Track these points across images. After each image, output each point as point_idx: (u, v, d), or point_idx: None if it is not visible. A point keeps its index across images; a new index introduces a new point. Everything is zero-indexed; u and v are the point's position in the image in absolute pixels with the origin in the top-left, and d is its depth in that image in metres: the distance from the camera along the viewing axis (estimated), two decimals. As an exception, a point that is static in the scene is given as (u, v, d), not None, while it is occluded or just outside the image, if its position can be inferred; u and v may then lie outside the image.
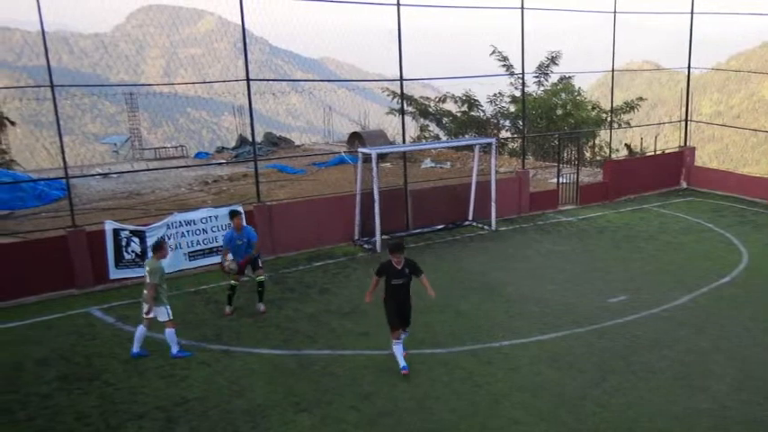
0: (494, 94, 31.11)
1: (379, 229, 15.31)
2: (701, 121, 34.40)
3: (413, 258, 9.39)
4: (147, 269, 9.75)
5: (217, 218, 14.23)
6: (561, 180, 19.76)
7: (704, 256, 14.76)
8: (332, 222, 15.72)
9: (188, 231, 13.98)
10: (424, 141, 28.99)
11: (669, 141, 28.96)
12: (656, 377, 9.03)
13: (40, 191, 20.77)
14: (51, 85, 12.65)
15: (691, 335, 10.40)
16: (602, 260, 14.64)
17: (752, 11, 23.52)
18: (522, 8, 17.83)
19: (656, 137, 25.52)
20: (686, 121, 22.65)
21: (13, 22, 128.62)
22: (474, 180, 17.66)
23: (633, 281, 13.09)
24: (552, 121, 30.21)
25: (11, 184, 19.75)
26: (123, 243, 13.32)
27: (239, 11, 14.03)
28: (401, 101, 19.97)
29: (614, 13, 19.84)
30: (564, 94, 31.12)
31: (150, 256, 10.24)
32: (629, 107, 30.82)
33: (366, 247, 15.58)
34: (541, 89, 31.81)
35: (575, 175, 19.93)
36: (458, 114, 31.87)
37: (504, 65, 29.85)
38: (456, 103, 31.51)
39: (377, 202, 15.16)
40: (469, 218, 17.74)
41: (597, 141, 29.98)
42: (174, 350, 9.90)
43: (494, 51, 30.27)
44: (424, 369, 9.31)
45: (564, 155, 21.46)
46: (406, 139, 19.64)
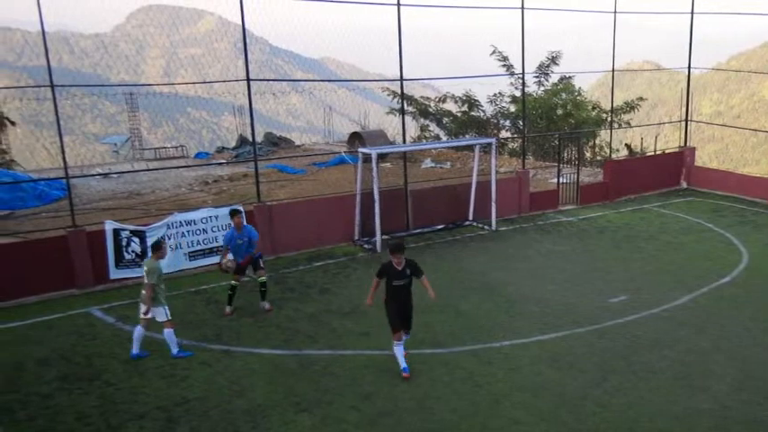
0: (494, 94, 31.13)
1: (379, 229, 15.31)
2: (701, 121, 34.42)
3: (413, 259, 9.38)
4: (145, 269, 9.75)
5: (217, 218, 14.25)
6: (561, 180, 19.76)
7: (704, 256, 14.77)
8: (332, 222, 15.73)
9: (188, 231, 14.00)
10: (424, 141, 28.99)
11: (669, 141, 28.95)
12: (656, 377, 9.04)
13: (41, 191, 20.77)
14: (52, 85, 12.65)
15: (691, 335, 10.41)
16: (602, 260, 14.65)
17: (752, 11, 23.54)
18: (523, 8, 17.83)
19: (656, 137, 25.52)
20: (686, 121, 22.65)
21: (13, 22, 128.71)
22: (474, 180, 17.66)
23: (633, 281, 13.09)
24: (552, 121, 30.20)
25: (11, 184, 19.76)
26: (123, 243, 13.33)
27: (239, 11, 14.04)
28: (401, 101, 19.99)
29: (614, 13, 19.84)
30: (564, 94, 31.10)
31: (150, 255, 10.26)
32: (629, 107, 30.82)
33: (366, 247, 15.58)
34: (542, 89, 31.83)
35: (575, 175, 19.93)
36: (458, 114, 31.87)
37: (505, 65, 29.85)
38: (456, 103, 31.51)
39: (377, 202, 15.16)
40: (470, 218, 17.74)
41: (597, 141, 29.98)
42: (175, 350, 9.90)
43: (494, 51, 30.28)
44: (425, 369, 9.32)
45: (564, 155, 21.46)
46: (407, 139, 19.64)
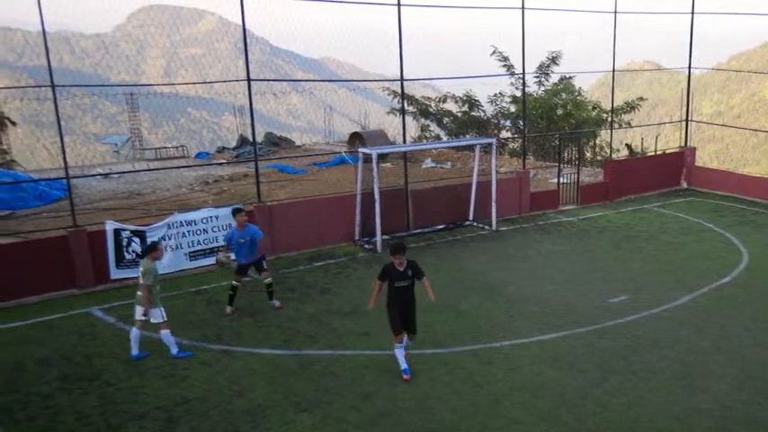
0: (494, 95, 31.13)
1: (379, 229, 15.31)
2: (701, 122, 34.42)
3: (414, 259, 9.37)
4: (141, 270, 9.75)
5: (217, 218, 14.25)
6: (562, 180, 19.75)
7: (704, 256, 14.77)
8: (332, 222, 15.73)
9: (189, 231, 14.00)
10: (424, 141, 29.00)
11: (670, 141, 28.96)
12: (656, 377, 9.04)
13: (41, 191, 20.79)
14: (52, 85, 12.65)
15: (691, 335, 10.41)
16: (602, 260, 14.65)
17: (752, 11, 23.55)
18: (523, 8, 17.82)
19: (656, 137, 25.52)
20: (687, 121, 22.65)
21: (14, 23, 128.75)
22: (474, 180, 17.66)
23: (633, 281, 13.09)
24: (553, 121, 30.21)
25: (12, 184, 19.77)
26: (124, 243, 13.34)
27: (240, 11, 14.03)
28: (402, 101, 20.01)
29: (614, 13, 19.84)
30: (564, 95, 31.10)
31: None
32: (629, 107, 30.83)
33: (367, 247, 15.59)
34: (542, 89, 31.83)
35: (575, 176, 19.93)
36: (458, 114, 31.87)
37: (505, 65, 29.86)
38: (457, 103, 31.52)
39: (377, 202, 15.16)
40: (470, 218, 17.74)
41: (598, 141, 29.98)
42: (174, 351, 9.89)
43: (494, 51, 30.29)
44: (425, 369, 9.32)
45: (564, 155, 21.47)
46: (407, 139, 19.64)
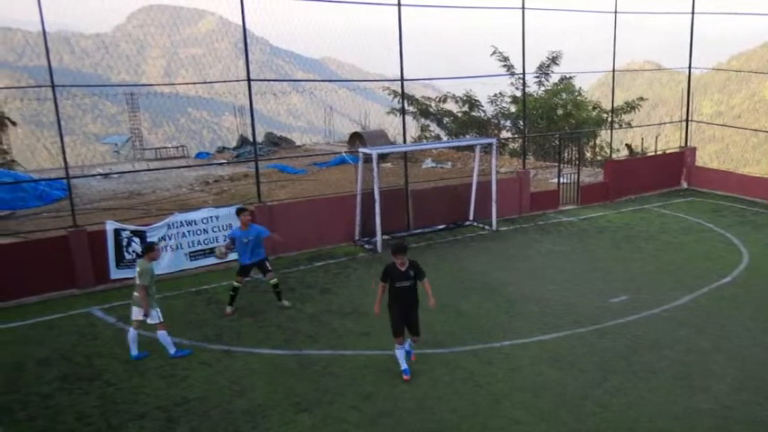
0: (494, 95, 31.13)
1: (379, 229, 15.30)
2: (701, 122, 34.43)
3: (414, 259, 9.36)
4: (138, 270, 9.73)
5: (218, 218, 14.25)
6: (562, 180, 19.75)
7: (705, 256, 14.76)
8: (333, 222, 15.73)
9: (189, 231, 14.00)
10: (424, 141, 29.00)
11: (670, 141, 28.98)
12: (656, 377, 9.04)
13: (41, 191, 20.78)
14: (52, 86, 12.65)
15: (691, 335, 10.41)
16: (602, 260, 14.65)
17: (752, 11, 23.54)
18: (523, 8, 17.82)
19: (656, 137, 25.53)
20: (687, 121, 22.64)
21: (14, 23, 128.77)
22: (475, 180, 17.66)
23: (634, 281, 13.09)
24: (553, 121, 30.20)
25: (12, 184, 19.77)
26: (124, 243, 13.34)
27: (240, 11, 14.03)
28: (402, 101, 20.01)
29: (615, 13, 19.84)
30: (564, 95, 31.09)
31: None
32: (629, 107, 30.82)
33: (367, 247, 15.59)
34: (542, 89, 31.82)
35: (575, 176, 19.93)
36: (459, 114, 31.86)
37: (505, 65, 29.85)
38: (457, 103, 31.51)
39: (377, 202, 15.16)
40: (470, 218, 17.74)
41: (598, 141, 29.97)
42: (172, 351, 9.89)
43: (494, 51, 30.28)
44: (425, 369, 9.32)
45: (564, 155, 21.46)
46: (407, 139, 19.63)
